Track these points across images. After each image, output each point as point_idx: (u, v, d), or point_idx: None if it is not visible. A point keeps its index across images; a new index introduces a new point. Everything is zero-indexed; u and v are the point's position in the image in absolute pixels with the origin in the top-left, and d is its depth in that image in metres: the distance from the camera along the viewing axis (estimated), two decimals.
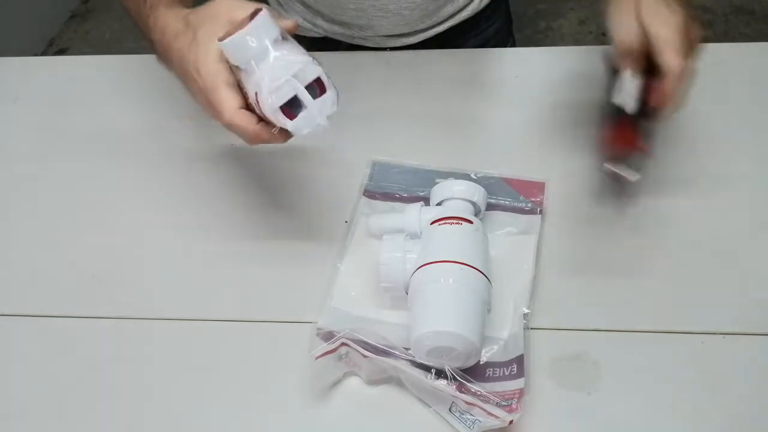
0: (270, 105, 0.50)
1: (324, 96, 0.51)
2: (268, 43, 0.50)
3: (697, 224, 0.65)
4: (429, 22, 0.86)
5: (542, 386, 0.54)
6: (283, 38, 0.51)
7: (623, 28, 0.59)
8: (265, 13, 0.50)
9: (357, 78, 0.81)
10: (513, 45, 1.02)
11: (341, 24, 0.87)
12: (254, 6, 0.52)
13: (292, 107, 0.50)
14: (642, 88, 0.60)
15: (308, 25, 0.91)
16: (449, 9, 0.87)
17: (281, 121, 0.50)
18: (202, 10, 0.55)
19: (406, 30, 0.86)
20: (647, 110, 0.60)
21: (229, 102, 0.52)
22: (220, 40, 0.51)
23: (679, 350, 0.56)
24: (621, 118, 0.60)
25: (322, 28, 0.90)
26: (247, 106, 0.53)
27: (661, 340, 0.57)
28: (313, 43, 0.91)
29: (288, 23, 0.54)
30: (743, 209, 0.66)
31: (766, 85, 0.79)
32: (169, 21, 0.57)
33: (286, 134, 0.53)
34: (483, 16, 0.92)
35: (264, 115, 0.51)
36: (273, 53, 0.50)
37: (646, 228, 0.65)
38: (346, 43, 0.90)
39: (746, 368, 0.55)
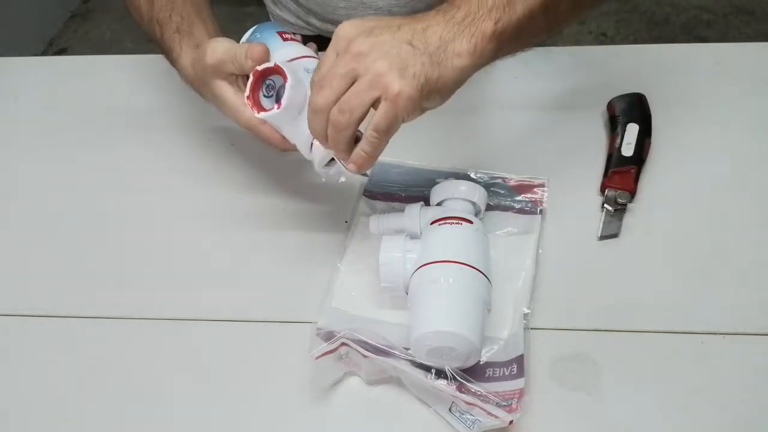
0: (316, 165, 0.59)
1: None
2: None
3: (696, 224, 0.65)
4: None
5: (542, 386, 0.54)
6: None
7: None
8: (291, 83, 0.56)
9: None
10: None
11: (333, 22, 0.87)
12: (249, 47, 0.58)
13: None
14: (639, 139, 0.69)
15: (302, 24, 0.91)
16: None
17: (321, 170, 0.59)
18: (201, 62, 0.59)
19: None
20: (642, 159, 0.69)
21: (275, 136, 0.59)
22: (255, 109, 0.57)
23: (679, 350, 0.56)
24: (624, 165, 0.68)
25: (315, 26, 0.90)
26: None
27: (661, 340, 0.57)
28: (306, 41, 0.91)
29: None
30: (743, 209, 0.66)
31: (766, 85, 0.79)
32: (187, 65, 0.62)
33: None
34: None
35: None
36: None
37: (646, 228, 0.65)
38: None
39: (746, 368, 0.55)
